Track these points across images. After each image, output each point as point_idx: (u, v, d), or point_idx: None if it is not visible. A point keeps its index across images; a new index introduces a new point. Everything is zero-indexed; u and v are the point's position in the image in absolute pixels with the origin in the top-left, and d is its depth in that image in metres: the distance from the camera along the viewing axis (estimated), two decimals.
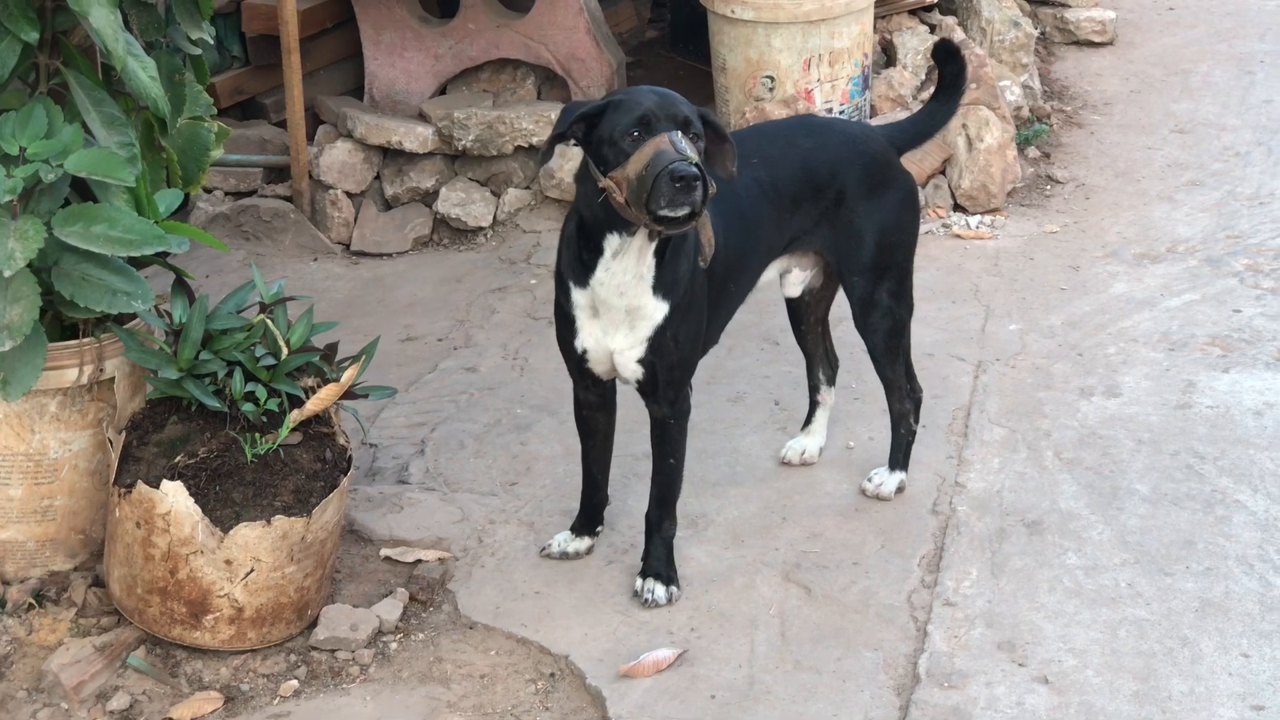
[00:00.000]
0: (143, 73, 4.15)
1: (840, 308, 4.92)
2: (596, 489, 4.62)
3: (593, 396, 4.49)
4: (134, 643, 4.21)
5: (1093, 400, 5.30)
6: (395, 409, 5.43)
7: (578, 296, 4.24)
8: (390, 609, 4.37)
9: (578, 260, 4.20)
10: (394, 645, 4.29)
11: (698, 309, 4.31)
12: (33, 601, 4.29)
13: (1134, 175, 6.98)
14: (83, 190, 4.19)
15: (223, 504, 4.09)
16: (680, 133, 3.96)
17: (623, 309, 4.20)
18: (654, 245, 4.13)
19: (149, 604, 4.15)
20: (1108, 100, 7.70)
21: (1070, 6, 8.31)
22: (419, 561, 4.57)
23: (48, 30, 4.25)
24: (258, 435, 4.19)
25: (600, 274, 4.16)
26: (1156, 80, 7.92)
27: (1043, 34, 8.24)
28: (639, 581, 4.43)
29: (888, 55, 6.97)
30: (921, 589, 4.43)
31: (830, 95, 6.45)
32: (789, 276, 4.79)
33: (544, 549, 4.62)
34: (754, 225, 4.47)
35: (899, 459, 4.88)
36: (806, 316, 4.96)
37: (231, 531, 4.05)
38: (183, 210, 6.74)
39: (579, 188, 4.18)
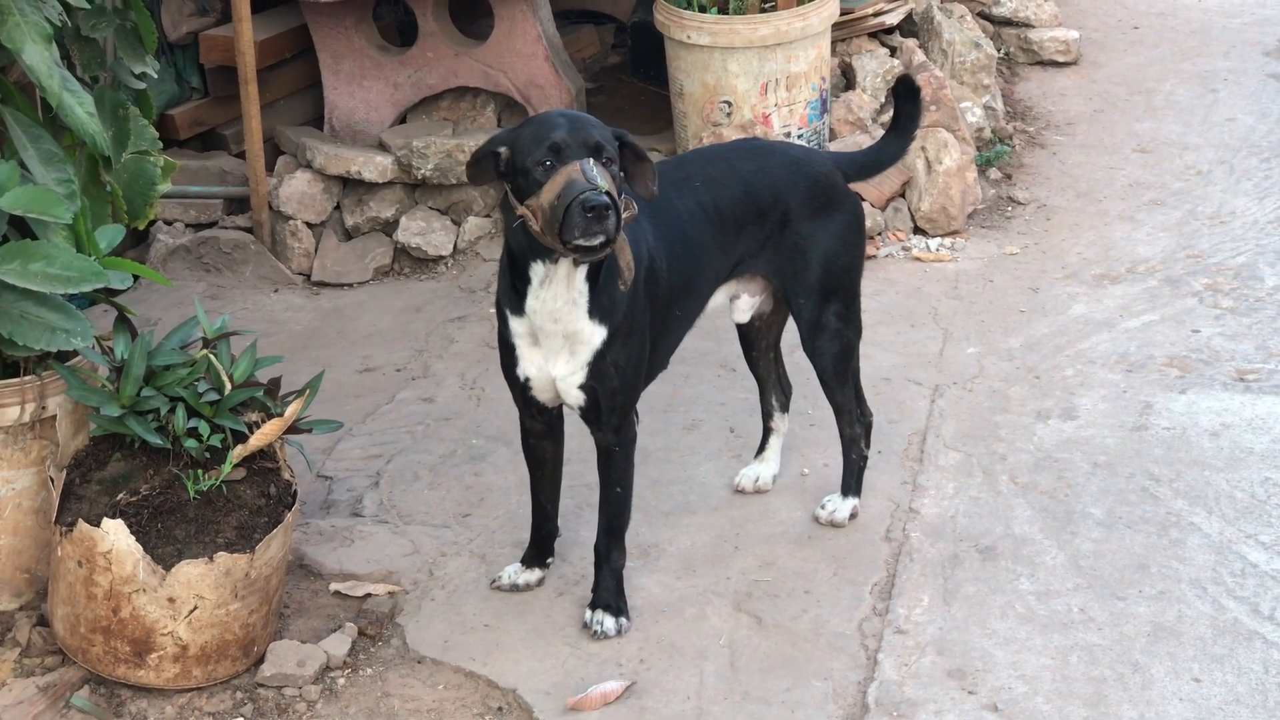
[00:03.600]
0: (80, 109, 4.14)
1: (792, 334, 4.90)
2: (546, 519, 4.60)
3: (539, 425, 4.47)
4: (78, 682, 4.18)
5: (1049, 423, 5.28)
6: (352, 440, 5.40)
7: (516, 325, 4.24)
8: (338, 644, 4.34)
9: (511, 289, 4.20)
10: (341, 681, 4.26)
11: (639, 334, 4.28)
12: None
13: (1095, 195, 6.97)
14: (23, 228, 4.17)
15: (165, 541, 4.07)
16: (592, 160, 3.96)
17: (560, 334, 4.19)
18: (583, 270, 4.12)
19: (92, 643, 4.12)
20: (1070, 120, 7.69)
21: (1034, 26, 8.30)
22: (368, 595, 4.55)
23: None
24: (200, 471, 4.16)
25: (533, 301, 4.16)
26: (1120, 99, 7.91)
27: (1006, 54, 8.23)
28: (588, 613, 4.40)
29: (847, 78, 6.96)
30: (873, 617, 4.41)
31: (788, 119, 6.44)
32: (738, 302, 4.78)
33: (494, 581, 4.60)
34: (697, 248, 4.46)
35: (851, 484, 4.86)
36: (758, 342, 4.95)
37: (174, 569, 4.02)
38: (142, 243, 6.74)
39: (503, 216, 4.17)
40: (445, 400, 5.64)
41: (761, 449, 5.06)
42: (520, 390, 4.37)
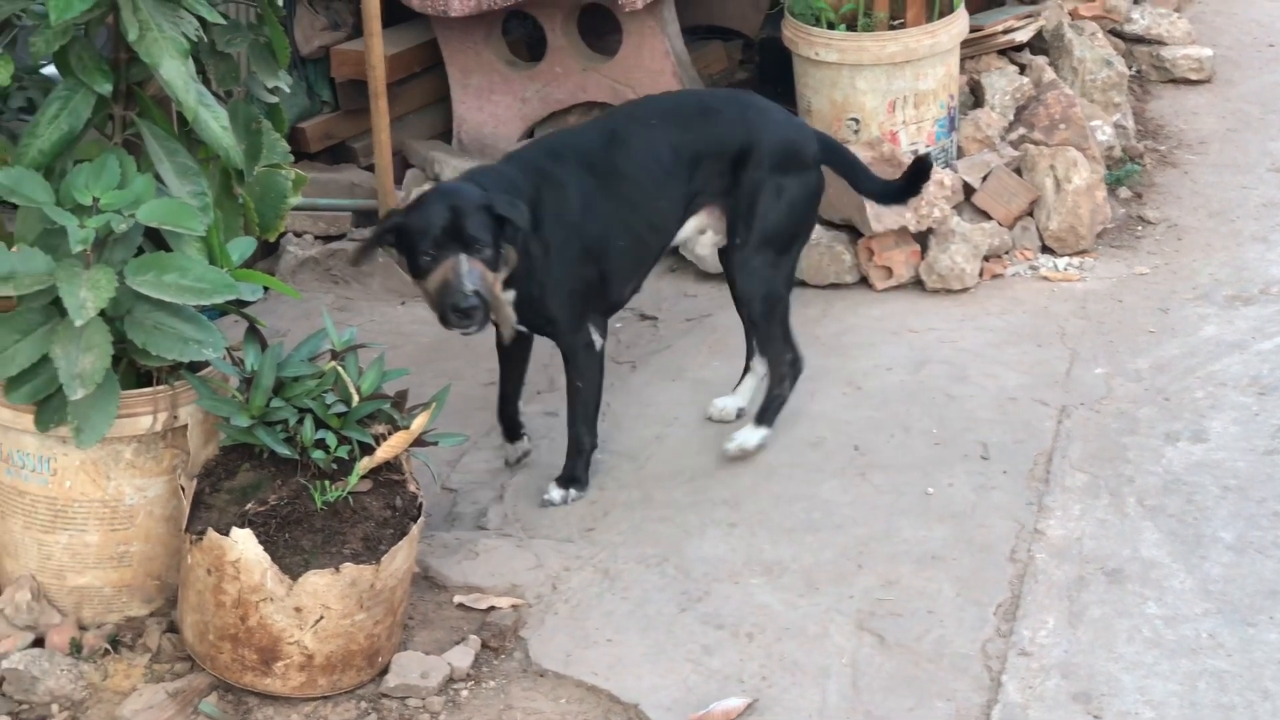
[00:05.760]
0: (214, 122, 4.19)
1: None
2: (508, 403, 5.29)
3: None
4: (206, 689, 4.23)
5: (1178, 445, 5.22)
6: (477, 454, 5.43)
7: None
8: (462, 656, 4.36)
9: None
10: (465, 693, 4.28)
11: (558, 275, 4.92)
12: (108, 647, 4.33)
13: (1228, 215, 6.88)
14: (158, 240, 4.23)
15: (292, 551, 4.11)
16: (465, 256, 4.60)
17: None
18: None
19: (220, 650, 4.17)
20: (1203, 139, 7.59)
21: (1166, 44, 8.20)
22: (492, 608, 4.56)
23: (122, 82, 4.31)
24: (327, 483, 4.20)
25: None
26: (1254, 118, 7.80)
27: (1138, 72, 8.14)
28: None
29: (975, 96, 6.92)
30: (997, 638, 4.38)
31: (916, 137, 6.41)
32: (703, 236, 5.27)
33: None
34: (640, 185, 5.04)
35: (768, 417, 5.29)
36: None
37: (300, 579, 4.06)
38: (272, 255, 6.82)
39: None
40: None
41: (738, 384, 5.52)
42: None
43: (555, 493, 5.10)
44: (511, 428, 5.33)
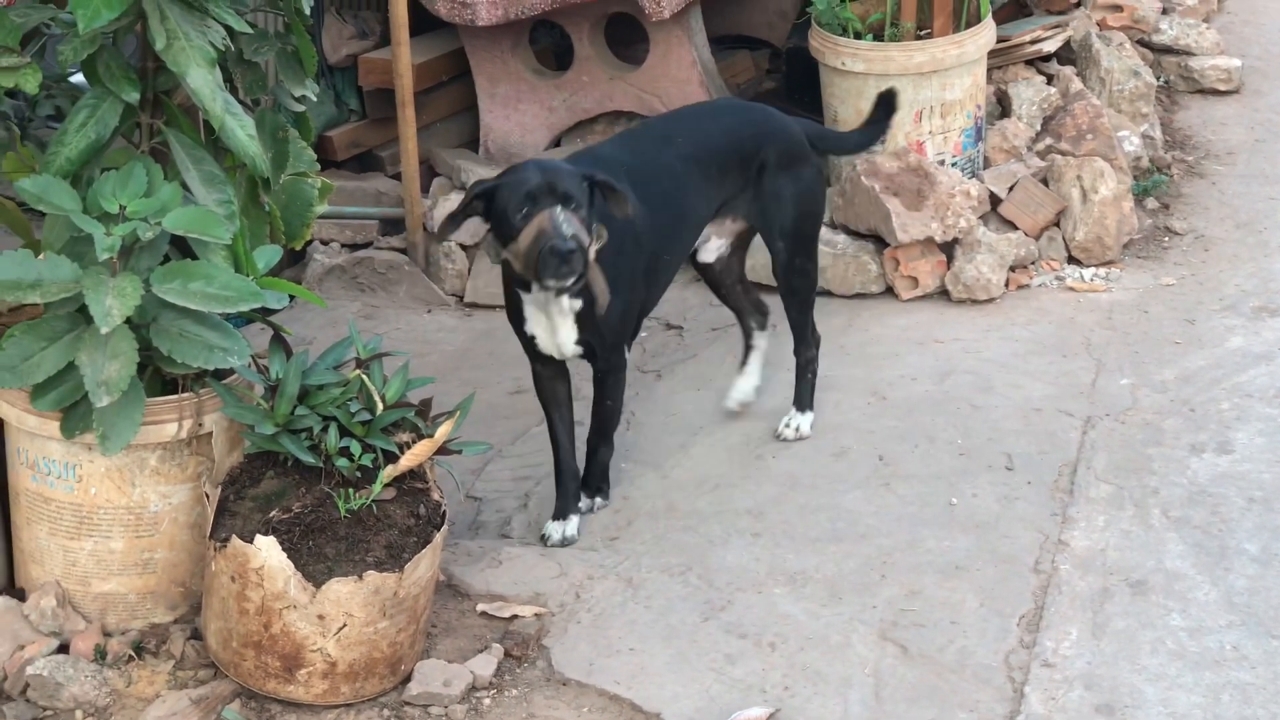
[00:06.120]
0: (240, 131, 4.21)
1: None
2: (567, 456, 5.05)
3: (549, 370, 5.02)
4: (229, 696, 4.24)
5: (1203, 457, 5.21)
6: (501, 462, 5.45)
7: (524, 298, 4.84)
8: (484, 664, 4.37)
9: (512, 305, 4.90)
10: (487, 701, 4.29)
11: (623, 294, 4.86)
12: (132, 653, 4.34)
13: (1256, 226, 6.85)
14: (184, 247, 4.25)
15: (316, 559, 4.12)
16: (561, 208, 4.54)
17: (557, 315, 4.83)
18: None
19: (244, 657, 4.18)
20: (1231, 150, 7.57)
21: (1194, 54, 8.17)
22: (515, 617, 4.57)
23: (149, 90, 4.33)
24: (351, 491, 4.22)
25: (529, 309, 4.84)
26: None
27: (1166, 82, 8.12)
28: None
29: (1002, 106, 6.91)
30: (1020, 649, 4.38)
31: (942, 147, 6.41)
32: (707, 244, 5.36)
33: (545, 540, 4.97)
34: (679, 199, 5.06)
35: (807, 400, 5.45)
36: (723, 281, 5.54)
37: (324, 587, 4.07)
38: (299, 263, 6.84)
39: (490, 250, 4.77)
40: None
41: (743, 364, 5.62)
42: (527, 343, 4.94)
43: (580, 501, 5.08)
44: (573, 493, 5.06)
